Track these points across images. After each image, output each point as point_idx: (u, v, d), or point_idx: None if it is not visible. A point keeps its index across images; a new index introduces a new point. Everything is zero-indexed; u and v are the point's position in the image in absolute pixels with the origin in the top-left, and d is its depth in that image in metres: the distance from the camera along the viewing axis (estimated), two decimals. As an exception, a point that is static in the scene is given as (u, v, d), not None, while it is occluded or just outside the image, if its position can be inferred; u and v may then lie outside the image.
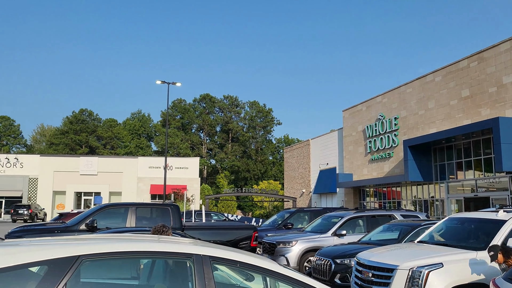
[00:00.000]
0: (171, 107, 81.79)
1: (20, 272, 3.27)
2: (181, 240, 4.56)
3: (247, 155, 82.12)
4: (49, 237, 7.45)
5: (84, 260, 3.32)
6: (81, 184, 49.12)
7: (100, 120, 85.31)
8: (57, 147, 77.88)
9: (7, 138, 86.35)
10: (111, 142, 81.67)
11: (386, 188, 30.11)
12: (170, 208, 11.45)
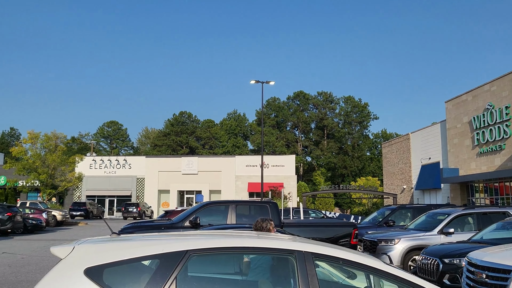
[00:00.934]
0: (266, 106, 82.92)
1: (135, 265, 3.47)
2: (283, 236, 4.57)
3: (343, 152, 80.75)
4: (156, 233, 7.88)
5: (192, 254, 3.44)
6: (183, 183, 51.57)
7: (199, 122, 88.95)
8: (160, 148, 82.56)
9: (117, 142, 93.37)
10: (210, 142, 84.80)
11: (498, 183, 27.85)
12: (268, 206, 11.58)
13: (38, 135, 41.16)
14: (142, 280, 3.35)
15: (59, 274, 3.30)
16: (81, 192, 51.31)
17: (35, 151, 41.11)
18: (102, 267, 3.31)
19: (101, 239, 3.90)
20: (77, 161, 44.06)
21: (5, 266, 12.39)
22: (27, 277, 10.77)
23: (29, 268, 12.20)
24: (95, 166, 51.91)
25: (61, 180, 41.30)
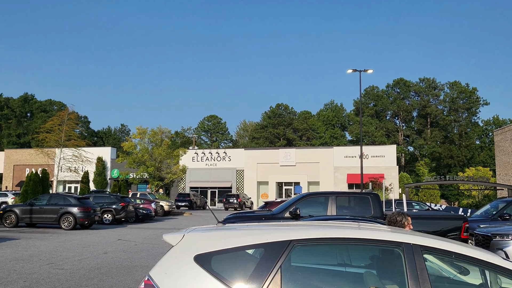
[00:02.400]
0: (364, 95, 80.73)
1: (240, 253, 3.56)
2: (389, 228, 4.42)
3: (449, 140, 76.16)
4: (259, 223, 8.03)
5: (296, 244, 3.44)
6: (281, 174, 52.07)
7: (295, 113, 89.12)
8: (258, 141, 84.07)
9: (216, 135, 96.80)
10: (307, 134, 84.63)
11: None
12: (370, 197, 11.28)
13: (146, 130, 44.00)
14: (248, 268, 3.42)
15: (172, 260, 3.50)
16: (185, 183, 53.99)
17: (143, 145, 44.03)
18: (210, 254, 3.44)
19: (208, 228, 4.06)
20: (181, 154, 46.39)
21: (121, 252, 13.44)
22: (140, 262, 11.59)
23: (142, 254, 13.11)
24: (197, 158, 54.28)
25: (167, 172, 43.81)
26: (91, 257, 12.35)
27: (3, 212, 21.81)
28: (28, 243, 15.33)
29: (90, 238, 17.21)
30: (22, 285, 8.60)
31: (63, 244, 15.11)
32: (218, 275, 3.33)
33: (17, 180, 57.66)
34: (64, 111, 41.60)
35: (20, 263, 11.11)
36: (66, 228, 20.52)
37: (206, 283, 3.29)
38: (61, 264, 11.06)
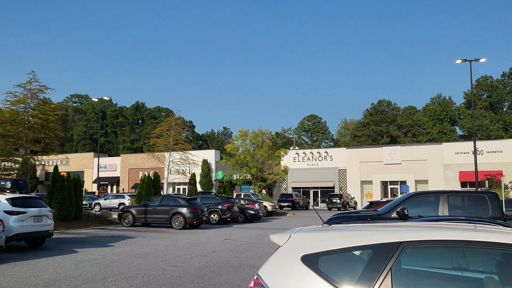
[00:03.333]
0: (476, 86, 75.19)
1: (348, 255, 3.48)
2: (507, 230, 4.06)
3: None
4: (365, 223, 7.82)
5: (406, 246, 3.30)
6: (386, 173, 50.31)
7: (399, 109, 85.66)
8: (360, 139, 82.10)
9: (317, 134, 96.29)
10: (412, 130, 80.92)
11: None
12: (487, 196, 10.44)
13: (247, 132, 45.11)
14: (356, 269, 3.35)
15: (279, 260, 3.53)
16: (287, 184, 54.42)
17: (245, 147, 45.15)
18: (317, 255, 3.42)
19: (314, 228, 4.03)
20: (282, 155, 46.83)
21: (228, 251, 13.90)
22: (247, 261, 11.88)
23: (248, 253, 13.44)
24: (298, 159, 54.43)
25: (269, 173, 44.48)
26: (200, 255, 12.92)
27: (122, 212, 23.68)
28: (144, 241, 16.46)
29: (198, 237, 18.03)
30: (141, 280, 9.24)
31: (175, 243, 15.99)
32: (326, 276, 3.30)
33: (132, 183, 62.34)
34: (172, 117, 44.10)
35: (138, 260, 11.96)
36: (176, 227, 21.71)
37: (314, 283, 3.27)
38: (174, 261, 11.71)
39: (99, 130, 52.58)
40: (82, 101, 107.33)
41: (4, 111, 29.93)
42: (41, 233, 14.19)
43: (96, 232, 19.97)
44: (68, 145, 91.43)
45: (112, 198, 41.55)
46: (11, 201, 13.76)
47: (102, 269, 10.52)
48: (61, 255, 12.66)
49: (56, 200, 21.60)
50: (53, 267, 10.75)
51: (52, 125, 30.62)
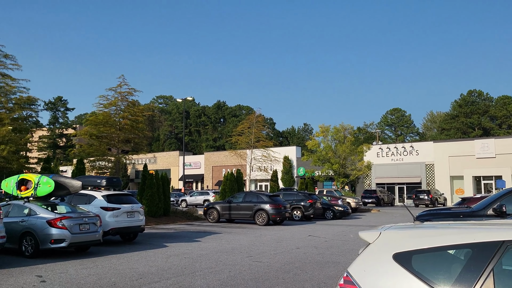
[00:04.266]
0: None
1: (442, 254, 3.30)
2: None
3: None
4: (459, 221, 7.39)
5: (510, 246, 3.07)
6: (478, 168, 47.28)
7: (492, 99, 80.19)
8: (449, 132, 77.94)
9: (401, 128, 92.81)
10: (508, 121, 75.41)
11: None
12: None
13: (328, 128, 44.52)
14: (453, 269, 3.17)
15: (370, 257, 3.42)
16: (371, 180, 53.03)
17: (327, 143, 44.59)
18: (410, 253, 3.27)
19: (405, 225, 3.87)
20: (365, 150, 45.67)
21: (312, 248, 13.81)
22: (331, 258, 11.72)
23: (332, 250, 13.26)
24: (382, 154, 52.83)
25: (352, 169, 43.60)
26: (284, 251, 12.96)
27: (207, 208, 24.42)
28: (229, 237, 16.84)
29: (282, 234, 18.10)
30: (227, 274, 9.45)
31: (259, 239, 16.19)
32: (420, 275, 3.16)
33: (215, 180, 64.11)
34: (252, 115, 44.68)
35: (224, 255, 12.25)
36: (260, 224, 21.97)
37: (408, 283, 3.14)
38: (258, 257, 11.85)
39: (183, 129, 54.60)
40: (167, 102, 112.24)
41: (98, 113, 32.08)
42: (134, 228, 15.01)
43: (183, 228, 20.77)
44: (155, 145, 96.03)
45: (197, 195, 43.01)
46: (107, 198, 14.70)
47: (190, 263, 10.90)
48: (153, 249, 13.31)
49: (146, 197, 22.76)
50: (145, 260, 11.32)
51: (140, 125, 32.32)
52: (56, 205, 12.89)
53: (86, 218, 12.35)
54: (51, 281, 8.70)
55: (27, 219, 12.02)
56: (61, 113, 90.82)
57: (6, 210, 12.42)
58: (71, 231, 11.77)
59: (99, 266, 10.45)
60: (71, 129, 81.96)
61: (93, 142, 31.91)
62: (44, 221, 11.70)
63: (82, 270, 9.85)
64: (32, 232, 11.68)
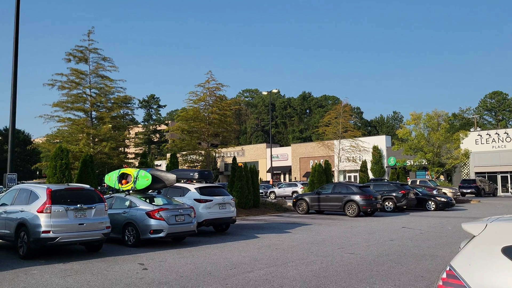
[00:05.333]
0: None
1: None
2: None
3: None
4: None
5: None
6: None
7: None
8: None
9: (502, 113, 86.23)
10: None
11: None
12: None
13: (420, 115, 42.49)
14: None
15: (475, 251, 3.20)
16: (469, 168, 49.91)
17: (419, 131, 42.60)
18: (522, 247, 3.01)
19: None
20: (461, 137, 43.05)
21: (407, 240, 13.28)
22: (428, 251, 11.18)
23: (429, 243, 12.64)
24: (481, 141, 49.47)
25: (447, 157, 41.30)
26: (377, 243, 12.60)
27: (296, 200, 24.46)
28: (319, 228, 16.72)
29: (374, 225, 17.62)
30: (319, 266, 9.38)
31: (350, 230, 15.90)
32: (536, 271, 2.88)
33: (303, 171, 64.02)
34: (339, 105, 43.89)
35: (315, 246, 12.19)
36: (350, 215, 21.58)
37: (520, 278, 2.88)
38: (350, 249, 11.63)
39: (270, 121, 55.08)
40: (253, 95, 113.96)
41: (188, 109, 33.39)
42: (225, 219, 15.44)
43: (273, 219, 20.99)
44: (243, 138, 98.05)
45: (285, 186, 43.25)
46: (199, 190, 15.25)
47: (282, 254, 10.97)
48: (244, 240, 13.59)
49: (236, 189, 23.30)
50: (238, 250, 11.59)
51: (228, 119, 33.14)
52: (153, 198, 13.61)
53: (181, 210, 12.90)
54: (152, 269, 9.20)
55: (128, 211, 12.82)
56: (154, 110, 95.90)
57: (110, 203, 13.33)
58: (168, 222, 12.36)
59: (195, 255, 10.87)
60: (163, 125, 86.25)
61: (184, 137, 33.32)
62: (144, 212, 12.41)
63: (180, 259, 10.31)
64: (133, 223, 12.44)
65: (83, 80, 28.25)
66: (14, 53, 17.50)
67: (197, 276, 8.53)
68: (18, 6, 17.74)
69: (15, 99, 17.56)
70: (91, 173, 18.85)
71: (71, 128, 27.93)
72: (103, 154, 27.38)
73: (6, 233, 11.13)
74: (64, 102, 27.71)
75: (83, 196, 11.11)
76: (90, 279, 8.28)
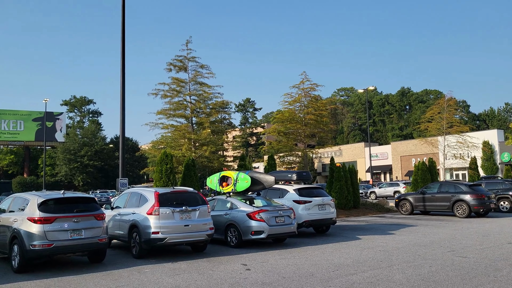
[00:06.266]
0: None
1: None
2: None
3: None
4: None
5: None
6: None
7: None
8: None
9: None
10: None
11: None
12: None
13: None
14: None
15: None
16: None
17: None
18: None
19: None
20: None
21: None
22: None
23: (555, 246, 11.39)
24: None
25: None
26: (493, 246, 11.60)
27: (399, 200, 23.44)
28: (425, 230, 15.83)
29: (487, 227, 16.30)
30: (428, 269, 8.83)
31: (460, 232, 14.84)
32: None
33: (404, 170, 61.34)
34: (442, 99, 41.36)
35: (422, 248, 11.52)
36: (460, 216, 20.18)
37: None
38: (462, 252, 10.83)
39: (367, 120, 53.60)
40: (348, 93, 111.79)
41: (284, 111, 33.57)
42: (325, 220, 15.20)
43: (375, 220, 20.30)
44: (340, 137, 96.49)
45: (386, 186, 41.77)
46: (298, 191, 15.18)
47: (386, 256, 10.52)
48: (345, 241, 13.27)
49: (335, 189, 22.89)
50: (339, 252, 11.33)
51: (324, 119, 32.77)
52: (253, 199, 13.80)
53: (281, 211, 12.93)
54: (255, 269, 9.30)
55: (230, 212, 13.12)
56: (250, 114, 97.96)
57: (212, 205, 13.75)
58: (269, 223, 12.45)
59: (296, 256, 10.81)
60: (260, 128, 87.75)
61: (281, 138, 33.54)
62: (245, 214, 12.62)
63: (281, 260, 10.31)
64: (235, 224, 12.70)
65: (183, 88, 29.62)
66: (122, 68, 18.83)
67: (299, 277, 8.45)
68: (124, 25, 19.06)
69: (124, 110, 18.89)
70: (194, 176, 19.61)
71: (174, 134, 29.40)
72: (204, 158, 28.45)
73: (120, 234, 11.94)
74: (167, 110, 29.27)
75: (187, 198, 11.56)
76: (197, 278, 8.57)
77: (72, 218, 9.57)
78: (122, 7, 19.03)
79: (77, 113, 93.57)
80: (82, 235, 9.60)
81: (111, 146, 76.30)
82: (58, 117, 76.84)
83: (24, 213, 9.71)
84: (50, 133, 72.03)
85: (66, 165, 70.75)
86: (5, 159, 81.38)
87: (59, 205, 9.78)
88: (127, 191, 13.09)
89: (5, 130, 72.82)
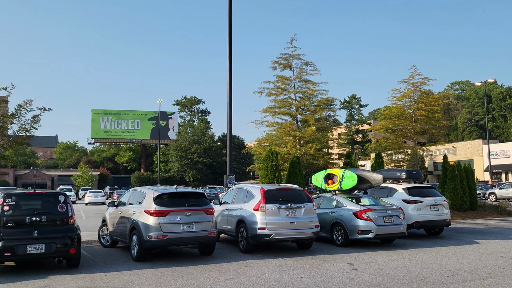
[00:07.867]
0: None
1: None
2: None
3: None
4: None
5: None
6: None
7: None
8: None
9: None
10: None
11: None
12: None
13: None
14: None
15: None
16: None
17: None
18: None
19: None
20: None
21: None
22: None
23: None
24: None
25: None
26: None
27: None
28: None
29: None
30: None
31: None
32: None
33: (530, 170, 55.73)
34: None
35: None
36: None
37: None
38: None
39: (485, 115, 49.62)
40: (463, 87, 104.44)
41: (392, 107, 32.28)
42: (438, 222, 14.34)
43: (495, 223, 18.71)
44: (453, 134, 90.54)
45: (508, 187, 38.30)
46: (408, 190, 14.49)
47: (509, 263, 9.63)
48: (461, 245, 12.39)
49: (448, 189, 21.50)
50: (455, 256, 10.59)
51: (436, 115, 30.93)
52: (360, 198, 13.45)
53: (389, 211, 12.44)
54: (362, 270, 9.04)
55: (336, 211, 12.91)
56: (356, 110, 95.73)
57: (317, 202, 13.65)
58: (376, 223, 12.04)
59: (406, 259, 10.32)
60: (366, 125, 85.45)
61: (388, 135, 32.30)
62: (351, 212, 12.34)
63: (390, 262, 9.91)
64: (341, 222, 12.47)
65: (288, 85, 29.74)
66: (229, 69, 19.45)
67: (410, 280, 8.05)
68: (230, 27, 19.66)
69: (231, 108, 19.51)
70: (299, 173, 19.63)
71: (279, 132, 29.66)
72: (308, 155, 28.35)
73: (228, 228, 12.33)
74: (272, 108, 29.61)
75: (293, 195, 11.60)
76: (302, 275, 8.55)
77: (184, 211, 10.09)
78: (229, 12, 19.63)
79: (187, 112, 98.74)
80: (193, 228, 10.08)
81: (219, 143, 79.33)
82: (170, 116, 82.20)
83: (142, 206, 10.44)
84: (163, 131, 77.13)
85: (178, 162, 75.01)
86: (125, 156, 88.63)
87: (172, 199, 10.37)
88: (235, 187, 13.47)
89: (124, 129, 79.81)
